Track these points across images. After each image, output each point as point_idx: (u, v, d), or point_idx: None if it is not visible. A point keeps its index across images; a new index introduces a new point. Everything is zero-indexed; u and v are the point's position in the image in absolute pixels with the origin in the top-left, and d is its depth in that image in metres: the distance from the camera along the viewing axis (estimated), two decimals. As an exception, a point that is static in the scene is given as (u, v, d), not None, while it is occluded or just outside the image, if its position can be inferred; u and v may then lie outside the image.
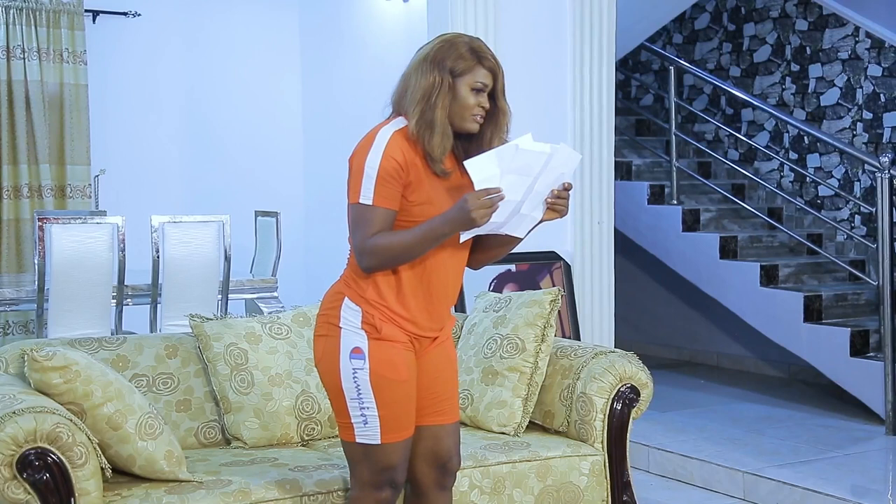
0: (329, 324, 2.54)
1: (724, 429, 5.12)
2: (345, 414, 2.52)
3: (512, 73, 4.70)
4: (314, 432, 3.31)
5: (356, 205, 2.47)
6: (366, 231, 2.45)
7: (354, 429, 2.51)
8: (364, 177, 2.45)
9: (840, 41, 6.49)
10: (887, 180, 5.12)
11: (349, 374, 2.48)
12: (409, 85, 2.50)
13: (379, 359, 2.48)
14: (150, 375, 3.26)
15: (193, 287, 4.95)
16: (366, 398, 2.48)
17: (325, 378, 2.56)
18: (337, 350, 2.50)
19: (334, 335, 2.52)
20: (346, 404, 2.50)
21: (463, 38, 2.53)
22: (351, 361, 2.48)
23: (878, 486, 4.22)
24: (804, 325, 5.62)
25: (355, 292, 2.52)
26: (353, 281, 2.54)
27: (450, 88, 2.46)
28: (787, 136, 6.81)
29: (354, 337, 2.49)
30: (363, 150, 2.48)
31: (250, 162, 6.99)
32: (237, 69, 7.00)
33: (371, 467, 2.54)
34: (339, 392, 2.51)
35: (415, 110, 2.46)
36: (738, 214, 6.56)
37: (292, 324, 3.46)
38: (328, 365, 2.53)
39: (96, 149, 6.51)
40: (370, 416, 2.49)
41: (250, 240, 5.88)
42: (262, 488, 2.82)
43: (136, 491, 2.76)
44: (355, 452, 2.55)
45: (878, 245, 5.17)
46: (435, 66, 2.47)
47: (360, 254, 2.46)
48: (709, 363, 7.08)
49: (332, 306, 2.54)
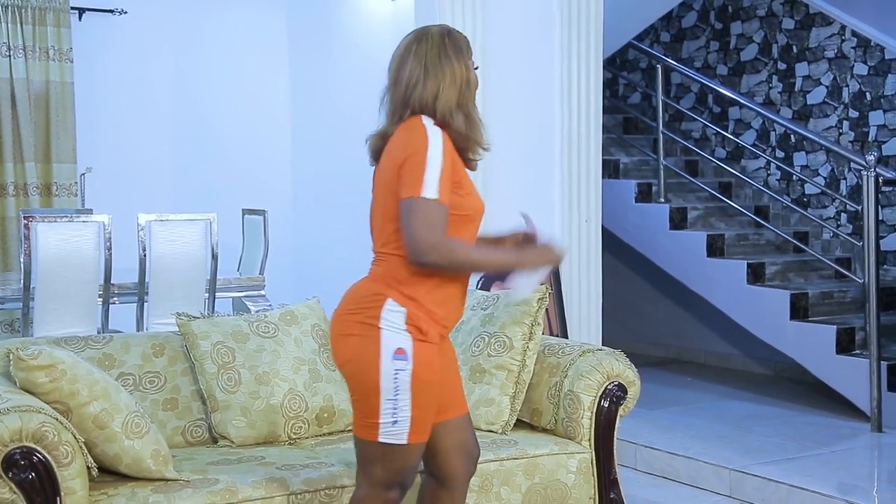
0: (363, 324, 2.47)
1: (711, 426, 5.13)
2: (374, 413, 2.46)
3: (500, 72, 4.73)
4: (301, 431, 3.31)
5: (419, 199, 2.38)
6: (440, 228, 2.39)
7: (380, 428, 2.46)
8: (427, 171, 2.40)
9: (826, 40, 6.51)
10: (873, 178, 5.13)
11: (390, 375, 2.43)
12: (440, 84, 2.48)
13: (421, 360, 2.45)
14: (137, 374, 3.25)
15: (180, 285, 4.94)
16: (402, 399, 2.44)
17: (358, 378, 2.48)
18: (376, 350, 2.44)
19: (371, 335, 2.45)
20: (380, 404, 2.44)
21: (452, 28, 2.60)
22: (394, 362, 2.43)
23: (864, 482, 4.24)
24: (790, 322, 5.64)
25: (400, 293, 2.46)
26: (397, 281, 2.48)
27: (470, 74, 2.54)
28: (773, 134, 6.84)
29: (397, 338, 2.44)
30: (420, 145, 2.43)
31: (238, 160, 6.97)
32: (224, 67, 6.98)
33: (387, 467, 2.51)
34: (375, 392, 2.44)
35: (455, 110, 2.49)
36: (725, 212, 6.58)
37: (280, 322, 3.45)
38: (363, 365, 2.46)
39: (82, 147, 6.49)
40: (402, 417, 2.45)
41: (238, 238, 5.87)
42: (249, 487, 2.82)
43: (122, 490, 2.75)
44: (373, 451, 2.50)
45: (864, 243, 5.20)
46: (457, 57, 2.52)
47: (431, 249, 2.37)
48: (696, 361, 7.10)
49: (370, 306, 2.47)
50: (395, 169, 2.44)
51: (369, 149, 2.62)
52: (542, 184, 4.86)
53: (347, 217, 6.43)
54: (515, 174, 4.78)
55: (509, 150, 4.73)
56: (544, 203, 4.86)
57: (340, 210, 6.52)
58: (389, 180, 2.47)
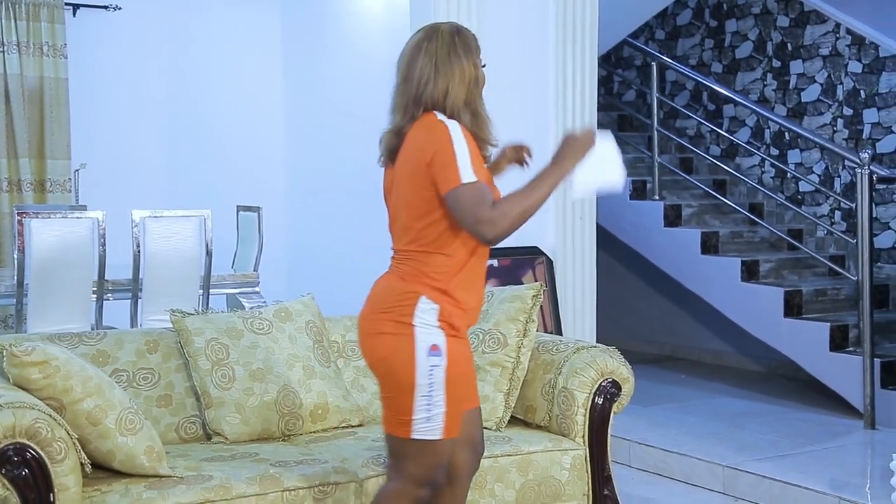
0: (397, 322, 2.48)
1: (705, 423, 5.14)
2: (408, 410, 2.47)
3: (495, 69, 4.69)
4: (295, 427, 3.31)
5: (461, 187, 2.41)
6: (485, 202, 2.39)
7: (414, 425, 2.48)
8: (458, 160, 2.43)
9: (821, 38, 6.52)
10: (867, 176, 5.14)
11: (425, 371, 2.46)
12: (450, 81, 2.52)
13: (454, 355, 2.49)
14: (131, 370, 3.25)
15: (174, 282, 4.93)
16: (437, 395, 2.47)
17: (393, 375, 2.50)
18: (411, 348, 2.46)
19: (406, 333, 2.47)
20: (415, 401, 2.47)
21: (461, 26, 2.63)
22: (429, 358, 2.46)
23: (857, 479, 4.25)
24: (784, 319, 5.65)
25: (432, 289, 2.49)
26: (428, 277, 2.50)
27: (478, 72, 2.58)
28: (768, 131, 6.84)
29: (431, 335, 2.47)
30: (443, 138, 2.45)
31: (232, 156, 6.96)
32: (219, 63, 6.97)
33: (420, 462, 2.53)
34: (410, 389, 2.46)
35: (463, 108, 2.53)
36: (719, 210, 6.59)
37: (274, 319, 3.45)
38: (398, 362, 2.48)
39: (77, 143, 6.47)
40: (436, 412, 2.47)
41: (232, 234, 5.86)
42: (243, 483, 2.82)
43: (115, 486, 2.75)
44: (407, 448, 2.51)
45: (858, 240, 5.20)
46: (466, 55, 2.55)
47: (494, 223, 2.37)
48: (690, 358, 7.11)
49: (404, 303, 2.49)
50: (423, 168, 2.47)
51: (384, 148, 2.64)
52: (537, 181, 4.85)
53: (342, 214, 6.43)
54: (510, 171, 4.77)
55: (504, 147, 4.73)
56: (539, 200, 4.85)
57: (335, 207, 6.51)
58: (415, 178, 2.49)
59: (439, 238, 2.50)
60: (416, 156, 2.49)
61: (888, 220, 6.06)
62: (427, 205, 2.49)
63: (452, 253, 2.51)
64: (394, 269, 2.59)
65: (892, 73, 6.10)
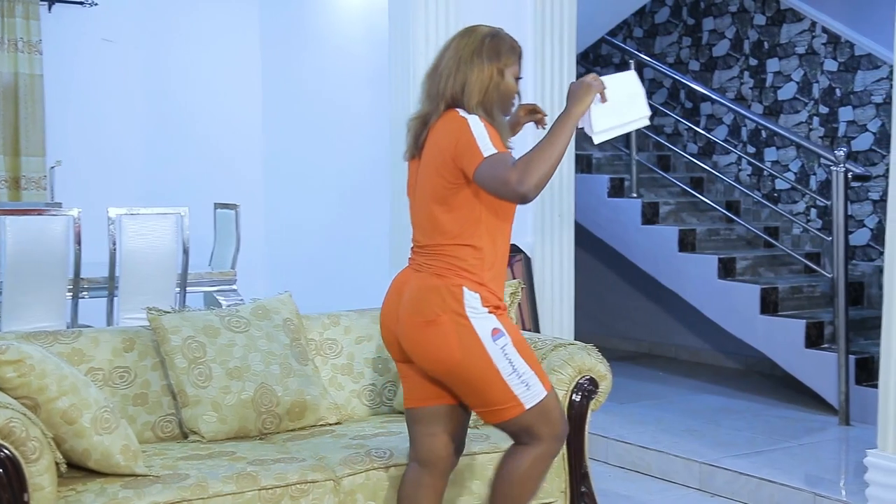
0: (455, 320, 2.57)
1: (682, 420, 5.17)
2: (507, 394, 2.59)
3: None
4: (272, 426, 3.30)
5: (484, 160, 2.50)
6: (506, 164, 2.47)
7: (520, 398, 2.60)
8: (478, 141, 2.53)
9: (797, 36, 6.56)
10: (842, 174, 5.18)
11: (500, 355, 2.58)
12: (466, 79, 2.61)
13: (510, 328, 2.63)
14: (107, 369, 3.23)
15: (151, 280, 4.90)
16: (519, 366, 2.59)
17: (473, 371, 2.58)
18: (476, 341, 2.57)
19: (465, 327, 2.57)
20: (507, 383, 2.58)
21: (504, 34, 2.70)
22: (495, 342, 2.58)
23: (832, 475, 4.28)
24: (760, 317, 5.69)
25: (469, 280, 2.60)
26: (463, 269, 2.60)
27: (501, 79, 2.64)
28: (744, 129, 6.88)
29: (486, 321, 2.58)
30: (462, 126, 2.56)
31: (210, 154, 6.93)
32: (196, 59, 6.93)
33: (549, 418, 2.65)
34: (496, 376, 2.57)
35: (477, 103, 2.60)
36: (696, 207, 6.62)
37: (251, 317, 3.44)
38: (473, 359, 2.57)
39: (52, 140, 6.43)
40: (528, 377, 2.60)
41: (210, 232, 5.84)
42: (220, 482, 2.81)
43: (91, 486, 2.73)
44: (528, 418, 2.62)
45: (833, 238, 5.24)
46: (490, 59, 2.62)
47: (518, 181, 2.44)
48: (667, 355, 7.14)
49: (451, 300, 2.58)
50: (449, 162, 2.56)
51: (411, 136, 2.72)
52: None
53: (320, 212, 6.41)
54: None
55: (482, 145, 4.73)
56: (517, 198, 4.86)
57: (313, 204, 6.49)
58: (441, 172, 2.58)
59: (467, 231, 2.60)
60: (441, 150, 2.59)
61: (863, 218, 6.11)
62: (454, 198, 2.58)
63: (481, 245, 2.61)
64: (422, 265, 2.66)
65: (866, 71, 6.15)
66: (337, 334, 3.67)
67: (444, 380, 2.65)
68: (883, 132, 6.00)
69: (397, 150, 4.75)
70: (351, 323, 3.71)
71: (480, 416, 2.70)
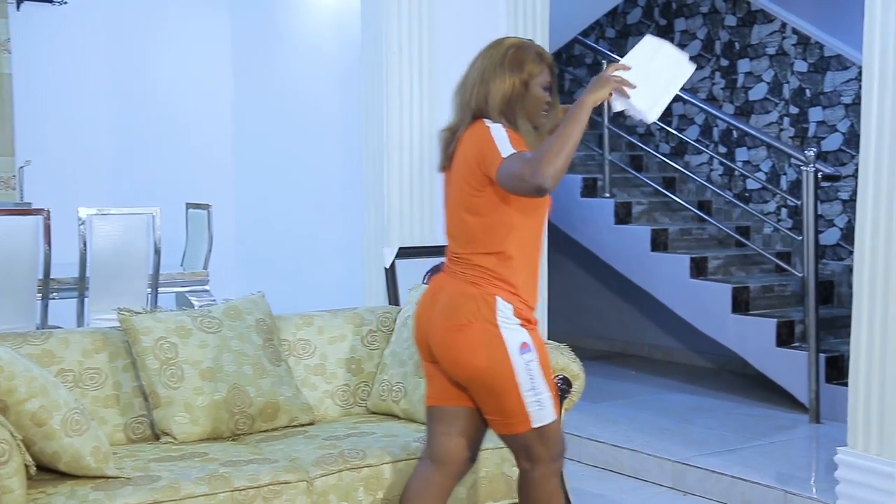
0: (484, 329, 2.61)
1: (655, 419, 5.19)
2: (519, 408, 2.63)
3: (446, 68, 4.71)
4: (245, 427, 3.28)
5: (501, 163, 2.54)
6: (522, 160, 2.50)
7: (530, 416, 2.64)
8: (497, 144, 2.58)
9: (767, 37, 6.61)
10: (812, 174, 5.22)
11: (524, 369, 2.61)
12: (489, 90, 2.66)
13: (538, 345, 2.67)
14: (77, 370, 3.20)
15: (122, 280, 4.87)
16: (538, 384, 2.63)
17: (495, 380, 2.63)
18: (504, 352, 2.61)
19: (494, 336, 2.61)
20: (523, 398, 2.62)
21: (530, 44, 2.74)
22: (522, 356, 2.61)
23: (802, 472, 4.32)
24: (732, 316, 5.73)
25: (503, 289, 2.63)
26: (496, 278, 2.64)
27: (525, 90, 2.67)
28: (716, 129, 6.92)
29: (516, 334, 2.62)
30: (484, 134, 2.61)
31: (180, 153, 6.88)
32: (166, 59, 6.89)
33: (548, 442, 2.70)
34: (514, 390, 2.61)
35: (499, 114, 2.65)
36: (668, 207, 6.66)
37: (224, 317, 3.42)
38: (498, 369, 2.62)
39: (21, 139, 6.36)
40: (544, 399, 2.64)
41: (181, 232, 5.80)
42: (192, 483, 2.79)
43: (61, 488, 2.71)
44: (530, 437, 2.68)
45: (804, 237, 5.28)
46: (512, 70, 2.67)
47: (531, 173, 2.45)
48: (640, 354, 7.17)
49: (483, 309, 2.61)
50: (475, 170, 2.61)
51: (442, 146, 2.77)
52: (488, 178, 4.86)
53: (292, 211, 6.39)
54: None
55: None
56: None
57: (285, 204, 6.47)
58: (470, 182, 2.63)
59: (497, 238, 2.64)
60: (467, 159, 2.64)
61: (833, 218, 6.17)
62: (483, 206, 2.63)
63: (512, 253, 2.64)
64: (458, 273, 2.70)
65: (836, 72, 6.21)
66: (310, 335, 3.65)
67: (466, 385, 2.70)
68: (852, 132, 6.05)
69: (368, 149, 4.75)
70: (324, 323, 3.70)
71: (490, 423, 2.75)
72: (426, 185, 4.66)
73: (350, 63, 5.34)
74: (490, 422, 2.74)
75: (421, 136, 4.64)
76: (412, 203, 4.63)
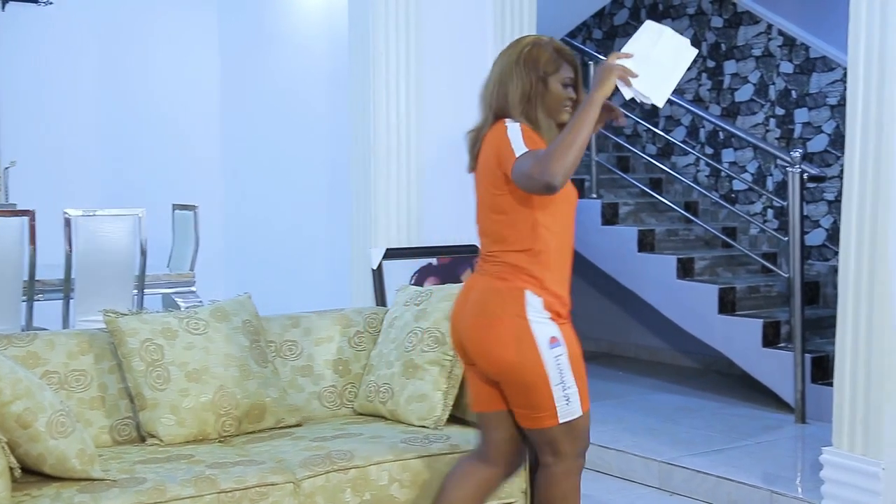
0: (514, 323, 2.63)
1: (641, 419, 5.20)
2: (548, 402, 2.65)
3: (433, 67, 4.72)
4: (232, 428, 3.27)
5: (515, 160, 2.56)
6: (533, 158, 2.53)
7: (558, 411, 2.66)
8: (511, 143, 2.60)
9: (754, 38, 6.64)
10: (798, 175, 5.24)
11: (553, 363, 2.64)
12: (507, 90, 2.70)
13: (569, 340, 2.69)
14: (63, 372, 3.19)
15: (108, 282, 4.85)
16: (567, 379, 2.66)
17: (525, 374, 2.64)
18: (533, 346, 2.63)
19: (524, 330, 2.63)
20: (552, 392, 2.64)
21: (547, 41, 2.76)
22: (552, 350, 2.64)
23: (788, 472, 4.34)
24: (718, 316, 5.74)
25: (532, 284, 2.65)
26: (525, 273, 2.66)
27: (544, 87, 2.69)
28: (702, 131, 6.94)
29: (546, 328, 2.65)
30: (502, 135, 2.64)
31: (167, 154, 6.87)
32: (153, 59, 6.87)
33: (576, 438, 2.73)
34: (544, 384, 2.63)
35: (520, 112, 2.68)
36: (655, 208, 6.67)
37: (210, 318, 3.41)
38: (527, 364, 2.63)
39: (7, 140, 6.33)
40: (572, 393, 2.67)
41: (168, 233, 5.79)
42: (178, 486, 2.78)
43: (46, 491, 2.69)
44: (557, 433, 2.70)
45: (790, 238, 5.30)
46: (528, 69, 2.69)
47: (540, 171, 2.48)
48: (626, 355, 7.18)
49: (512, 303, 2.64)
50: (495, 168, 2.64)
51: (469, 146, 2.80)
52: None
53: (279, 212, 6.38)
54: (449, 171, 4.77)
55: (442, 146, 4.73)
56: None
57: (272, 205, 6.46)
58: (493, 182, 2.67)
59: (523, 235, 2.66)
60: (488, 159, 2.68)
61: (818, 218, 6.19)
62: (506, 204, 2.66)
63: (539, 249, 2.66)
64: (487, 271, 2.73)
65: (821, 73, 6.23)
66: (297, 336, 3.65)
67: (498, 380, 2.73)
68: (838, 134, 6.08)
69: (356, 149, 4.74)
70: (311, 324, 3.70)
71: (517, 416, 2.76)
72: (413, 185, 4.66)
73: (338, 63, 5.34)
74: (517, 415, 2.76)
75: (408, 137, 4.64)
76: (399, 204, 4.63)
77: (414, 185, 4.65)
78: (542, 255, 2.67)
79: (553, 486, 2.78)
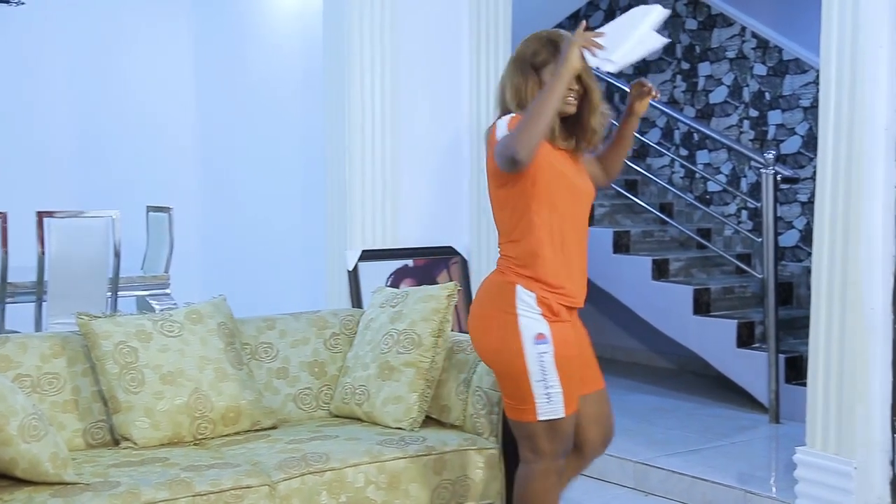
0: (502, 314, 2.69)
1: (617, 420, 5.12)
2: (528, 397, 2.68)
3: (408, 69, 4.72)
4: (207, 431, 3.26)
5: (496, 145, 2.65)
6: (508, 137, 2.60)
7: (537, 409, 2.68)
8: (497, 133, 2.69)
9: (727, 40, 6.68)
10: (772, 176, 5.27)
11: (535, 359, 2.66)
12: (504, 88, 2.79)
13: (560, 340, 2.69)
14: (35, 375, 3.16)
15: (81, 284, 4.82)
16: (550, 377, 2.66)
17: (506, 367, 2.71)
18: (517, 338, 2.67)
19: (510, 323, 2.68)
20: (531, 387, 2.67)
21: (542, 33, 2.81)
22: (536, 346, 2.66)
23: (763, 472, 4.36)
24: (693, 317, 5.77)
25: (524, 277, 2.70)
26: (518, 265, 2.72)
27: (537, 82, 2.73)
28: (677, 132, 6.98)
29: (535, 323, 2.67)
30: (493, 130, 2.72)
31: (142, 155, 6.83)
32: (127, 59, 6.82)
33: (553, 439, 2.73)
34: (524, 377, 2.66)
35: (516, 108, 2.75)
36: (630, 209, 6.69)
37: (185, 321, 3.39)
38: (509, 354, 2.67)
39: (-22, 141, 6.28)
40: (554, 393, 2.67)
41: (142, 235, 5.75)
42: (153, 489, 2.76)
43: (18, 495, 2.67)
44: (535, 430, 2.72)
45: (764, 239, 5.33)
46: (520, 65, 2.77)
47: (505, 149, 2.57)
48: (603, 356, 7.12)
49: (503, 296, 2.70)
50: (490, 160, 2.74)
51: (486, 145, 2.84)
52: (452, 182, 4.87)
53: (254, 214, 6.35)
54: (424, 172, 4.78)
55: (418, 148, 4.73)
56: (453, 201, 4.88)
57: (247, 207, 6.43)
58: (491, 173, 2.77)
59: (519, 228, 2.71)
60: (488, 156, 2.77)
61: (792, 220, 6.24)
62: (504, 197, 2.73)
63: (538, 245, 2.69)
64: (497, 265, 2.81)
65: (794, 75, 6.28)
66: (272, 338, 3.64)
67: (491, 368, 2.81)
68: (810, 135, 6.13)
69: (331, 150, 4.73)
70: (286, 326, 3.68)
71: (504, 407, 2.82)
72: (388, 187, 4.65)
73: (313, 64, 5.33)
74: (504, 405, 2.81)
75: (383, 138, 4.63)
76: (374, 205, 4.62)
77: (389, 187, 4.65)
78: (540, 250, 2.70)
79: (531, 483, 2.79)
